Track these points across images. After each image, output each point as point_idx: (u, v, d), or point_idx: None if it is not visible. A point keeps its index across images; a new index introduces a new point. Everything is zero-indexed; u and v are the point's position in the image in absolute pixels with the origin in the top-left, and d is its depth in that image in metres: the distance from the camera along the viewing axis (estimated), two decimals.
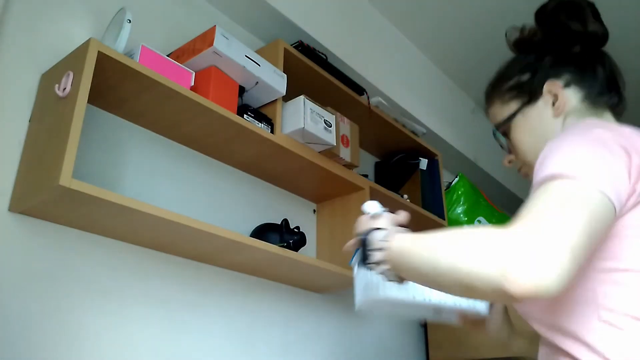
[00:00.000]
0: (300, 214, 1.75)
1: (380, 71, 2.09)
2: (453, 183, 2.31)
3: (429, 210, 2.04)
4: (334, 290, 1.72)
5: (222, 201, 1.50)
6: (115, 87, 1.17)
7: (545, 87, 0.98)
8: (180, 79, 1.22)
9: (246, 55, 1.35)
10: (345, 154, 1.61)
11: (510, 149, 1.04)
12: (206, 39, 1.29)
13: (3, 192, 1.06)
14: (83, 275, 1.14)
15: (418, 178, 2.15)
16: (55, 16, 1.23)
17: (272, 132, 1.42)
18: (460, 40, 2.37)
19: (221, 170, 1.52)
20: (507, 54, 1.09)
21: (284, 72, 1.48)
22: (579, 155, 0.75)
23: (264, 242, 1.29)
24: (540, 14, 1.04)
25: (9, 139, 1.09)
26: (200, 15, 1.59)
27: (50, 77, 1.13)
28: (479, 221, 2.27)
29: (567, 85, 0.97)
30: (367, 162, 2.16)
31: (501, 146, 1.07)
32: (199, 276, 1.37)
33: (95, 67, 1.05)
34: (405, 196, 1.97)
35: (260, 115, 1.41)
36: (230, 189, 1.53)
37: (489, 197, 2.53)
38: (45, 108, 1.10)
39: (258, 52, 1.53)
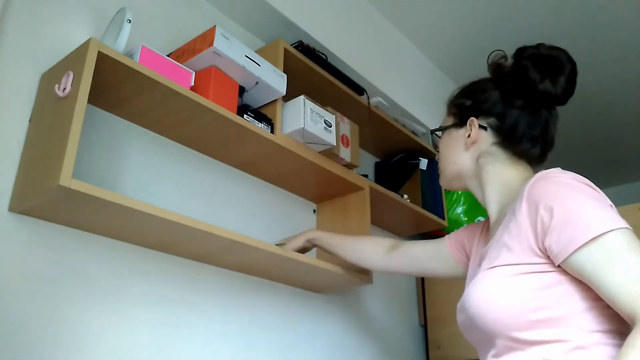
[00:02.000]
0: (300, 214, 1.75)
1: (380, 71, 2.09)
2: None
3: (429, 210, 2.04)
4: (334, 290, 1.72)
5: (222, 201, 1.50)
6: (115, 87, 1.17)
7: (469, 121, 1.09)
8: (180, 79, 1.22)
9: (246, 55, 1.35)
10: (345, 154, 1.61)
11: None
12: (206, 39, 1.29)
13: (3, 192, 1.06)
14: (83, 275, 1.14)
15: (418, 178, 2.15)
16: (55, 16, 1.23)
17: (272, 132, 1.42)
18: (460, 40, 2.37)
19: (221, 170, 1.52)
20: (508, 54, 1.10)
21: (284, 72, 1.48)
22: (593, 209, 0.83)
23: (263, 242, 1.29)
24: (520, 52, 1.09)
25: (9, 139, 1.09)
26: (200, 15, 1.59)
27: (50, 77, 1.13)
28: (479, 221, 2.27)
29: (486, 127, 1.08)
30: (367, 162, 2.16)
31: (433, 144, 1.23)
32: (198, 276, 1.37)
33: (95, 67, 1.05)
34: (405, 196, 1.97)
35: (260, 115, 1.41)
36: (230, 189, 1.53)
37: None
38: (45, 108, 1.10)
39: (258, 52, 1.53)
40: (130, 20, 1.14)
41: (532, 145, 1.06)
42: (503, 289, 0.88)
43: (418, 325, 2.17)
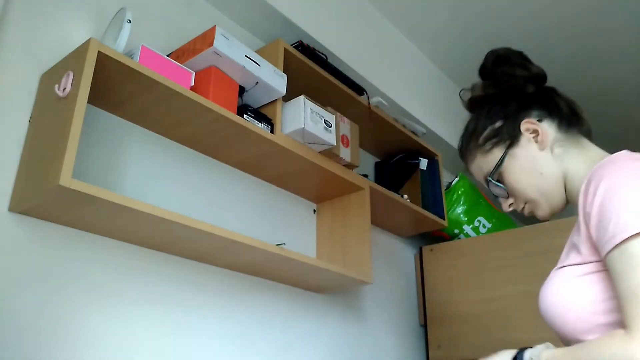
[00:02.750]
0: (300, 214, 1.75)
1: (380, 71, 2.09)
2: (453, 183, 2.31)
3: (429, 210, 2.04)
4: (334, 290, 1.72)
5: (222, 201, 1.50)
6: (115, 87, 1.17)
7: (523, 126, 1.03)
8: (180, 79, 1.22)
9: (246, 55, 1.35)
10: (345, 154, 1.61)
11: (508, 193, 1.07)
12: (206, 39, 1.29)
13: (3, 192, 1.06)
14: (83, 275, 1.14)
15: (418, 178, 2.15)
16: (55, 16, 1.23)
17: (272, 132, 1.42)
18: (460, 40, 2.37)
19: (221, 170, 1.52)
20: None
21: (284, 72, 1.48)
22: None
23: (263, 242, 1.29)
24: (483, 70, 1.12)
25: (9, 139, 1.09)
26: (200, 15, 1.59)
27: (50, 77, 1.13)
28: (479, 221, 2.27)
29: (540, 120, 1.03)
30: (367, 162, 2.16)
31: (496, 195, 1.10)
32: (198, 276, 1.37)
33: (95, 67, 1.05)
34: (405, 196, 1.97)
35: (260, 115, 1.41)
36: (230, 189, 1.53)
37: (489, 197, 2.53)
38: (45, 108, 1.10)
39: (258, 52, 1.53)
40: (130, 20, 1.14)
41: (576, 118, 1.04)
42: (569, 290, 0.85)
43: (418, 325, 2.17)
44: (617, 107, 2.85)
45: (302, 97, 1.47)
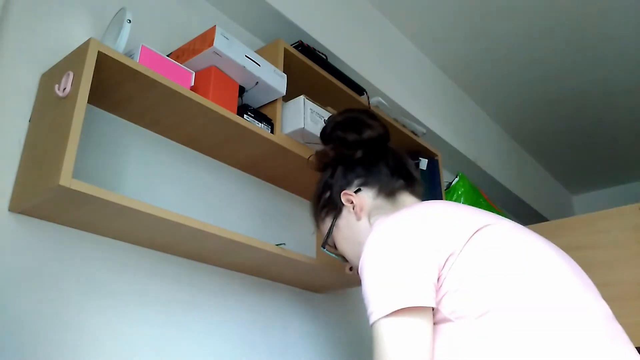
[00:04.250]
0: (300, 214, 1.75)
1: (380, 71, 2.09)
2: (453, 183, 2.31)
3: None
4: (334, 290, 1.72)
5: (222, 201, 1.50)
6: (115, 87, 1.17)
7: (342, 197, 1.11)
8: (180, 79, 1.22)
9: (246, 55, 1.35)
10: None
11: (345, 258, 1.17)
12: (206, 39, 1.29)
13: (3, 192, 1.06)
14: (83, 275, 1.14)
15: None
16: (55, 16, 1.23)
17: (272, 132, 1.42)
18: (460, 40, 2.37)
19: (221, 170, 1.52)
20: (507, 54, 1.11)
21: (284, 72, 1.48)
22: (383, 282, 0.85)
23: (263, 242, 1.29)
24: (322, 135, 1.21)
25: (9, 139, 1.09)
26: (200, 15, 1.59)
27: (50, 77, 1.13)
28: None
29: (358, 189, 1.10)
30: None
31: (337, 257, 1.19)
32: (199, 276, 1.37)
33: (95, 67, 1.05)
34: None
35: (260, 115, 1.41)
36: (230, 189, 1.53)
37: (489, 197, 2.53)
38: (45, 108, 1.10)
39: (258, 52, 1.53)
40: (130, 20, 1.14)
41: (397, 178, 1.12)
42: None
43: None
44: (617, 108, 2.84)
45: (302, 97, 1.47)
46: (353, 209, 1.10)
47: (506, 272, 0.83)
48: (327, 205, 1.15)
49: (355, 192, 1.11)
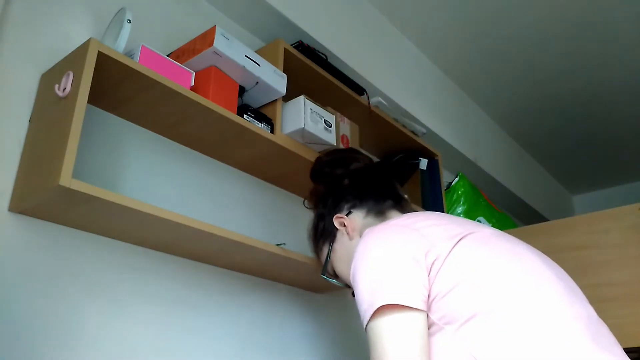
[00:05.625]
0: (300, 214, 1.75)
1: (380, 71, 2.09)
2: (453, 183, 2.31)
3: (429, 210, 2.04)
4: (334, 290, 1.72)
5: (222, 201, 1.50)
6: (115, 87, 1.17)
7: (335, 222, 1.18)
8: (180, 79, 1.22)
9: (246, 55, 1.35)
10: None
11: (346, 283, 1.23)
12: (206, 39, 1.29)
13: (3, 192, 1.06)
14: (83, 275, 1.14)
15: (418, 178, 2.15)
16: (55, 16, 1.23)
17: (272, 132, 1.42)
18: (461, 40, 2.37)
19: (221, 170, 1.52)
20: (507, 54, 1.11)
21: (284, 72, 1.48)
22: (373, 282, 0.88)
23: (263, 242, 1.29)
24: (312, 174, 1.31)
25: (9, 139, 1.09)
26: (200, 15, 1.59)
27: (50, 77, 1.13)
28: (479, 221, 2.27)
29: (349, 213, 1.18)
30: None
31: (338, 283, 1.25)
32: (199, 276, 1.37)
33: (95, 67, 1.05)
34: (405, 196, 1.97)
35: (260, 115, 1.41)
36: (230, 189, 1.53)
37: (489, 197, 2.53)
38: (45, 108, 1.10)
39: (258, 52, 1.53)
40: (130, 20, 1.14)
41: (384, 199, 1.19)
42: None
43: None
44: (617, 108, 2.85)
45: (302, 97, 1.47)
46: (346, 230, 1.17)
47: (491, 277, 0.86)
48: (322, 235, 1.23)
49: (347, 215, 1.18)
